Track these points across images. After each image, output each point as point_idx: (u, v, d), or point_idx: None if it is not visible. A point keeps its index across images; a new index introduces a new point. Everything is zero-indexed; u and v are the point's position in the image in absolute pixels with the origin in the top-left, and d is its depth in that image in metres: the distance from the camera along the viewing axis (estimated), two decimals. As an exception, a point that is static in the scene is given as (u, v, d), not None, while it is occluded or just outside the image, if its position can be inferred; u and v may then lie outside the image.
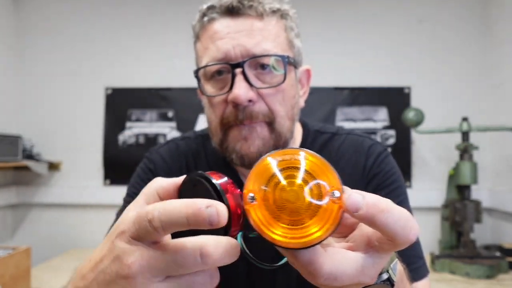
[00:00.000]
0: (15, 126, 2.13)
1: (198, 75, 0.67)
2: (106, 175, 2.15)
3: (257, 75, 0.64)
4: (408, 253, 0.66)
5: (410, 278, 0.41)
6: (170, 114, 2.16)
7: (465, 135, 1.79)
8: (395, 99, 2.09)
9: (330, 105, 2.10)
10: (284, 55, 0.64)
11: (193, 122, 2.15)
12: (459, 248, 1.69)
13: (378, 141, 0.77)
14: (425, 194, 2.00)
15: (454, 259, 1.60)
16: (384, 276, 0.33)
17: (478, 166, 1.74)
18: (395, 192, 0.70)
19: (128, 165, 2.14)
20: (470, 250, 1.64)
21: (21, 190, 2.16)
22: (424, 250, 0.71)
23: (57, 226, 2.15)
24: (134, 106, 2.17)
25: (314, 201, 0.28)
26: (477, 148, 1.76)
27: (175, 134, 2.14)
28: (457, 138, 1.86)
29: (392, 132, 2.08)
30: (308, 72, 0.76)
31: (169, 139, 0.82)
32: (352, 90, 2.11)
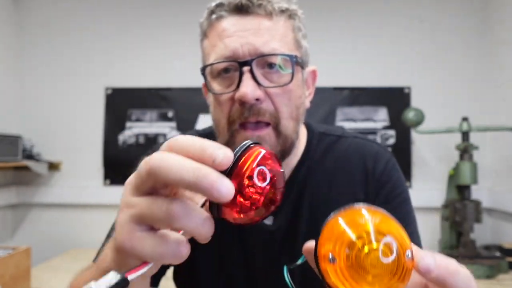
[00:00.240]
0: (15, 126, 2.13)
1: (204, 73, 0.67)
2: (106, 175, 2.15)
3: (264, 74, 0.63)
4: None
5: None
6: (170, 114, 2.16)
7: (465, 135, 1.79)
8: (395, 99, 2.09)
9: (330, 105, 2.10)
10: (292, 55, 0.64)
11: (193, 122, 2.15)
12: (459, 248, 1.69)
13: (383, 146, 0.77)
14: (425, 194, 2.00)
15: (454, 259, 1.60)
16: None
17: (478, 166, 1.74)
18: (404, 203, 0.71)
19: (128, 165, 2.15)
20: (470, 250, 1.64)
21: (21, 190, 2.16)
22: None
23: (57, 226, 2.15)
24: (134, 106, 2.17)
25: (386, 260, 0.29)
26: (477, 148, 1.76)
27: (175, 134, 2.14)
28: (457, 138, 1.86)
29: (392, 132, 2.08)
30: (314, 73, 0.76)
31: (171, 137, 0.81)
32: (352, 90, 2.11)
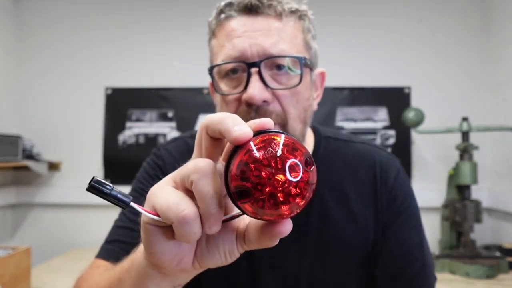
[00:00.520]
0: (15, 126, 2.13)
1: (212, 73, 0.66)
2: (106, 175, 2.15)
3: (272, 76, 0.63)
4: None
5: None
6: (170, 114, 2.16)
7: (465, 135, 1.79)
8: (395, 99, 2.09)
9: (330, 105, 2.10)
10: (301, 57, 0.63)
11: (193, 122, 2.15)
12: (459, 248, 1.69)
13: (391, 153, 0.76)
14: (425, 194, 2.00)
15: (454, 259, 1.60)
16: None
17: (478, 166, 1.74)
18: (414, 213, 0.71)
19: (128, 165, 2.16)
20: (470, 250, 1.64)
21: (21, 190, 2.15)
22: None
23: (57, 226, 2.15)
24: (134, 106, 2.17)
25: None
26: (477, 148, 1.76)
27: (175, 134, 2.14)
28: (457, 138, 1.86)
29: (392, 132, 2.08)
30: (323, 75, 0.75)
31: (176, 137, 0.81)
32: (352, 90, 2.11)
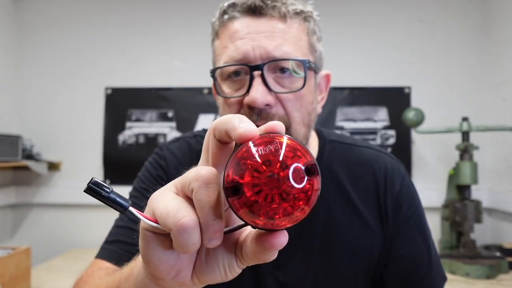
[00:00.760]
0: (15, 126, 2.13)
1: (214, 74, 0.65)
2: (106, 175, 2.15)
3: (276, 79, 0.62)
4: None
5: None
6: (170, 114, 2.16)
7: (465, 135, 1.79)
8: (395, 99, 2.09)
9: (330, 105, 2.10)
10: (305, 60, 0.62)
11: (193, 122, 2.15)
12: (459, 248, 1.69)
13: (396, 158, 0.75)
14: (425, 194, 1.99)
15: (454, 259, 1.60)
16: None
17: (478, 166, 1.74)
18: (421, 219, 0.71)
19: (128, 165, 2.16)
20: (470, 250, 1.64)
21: (21, 190, 2.15)
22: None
23: (57, 226, 2.15)
24: (134, 106, 2.17)
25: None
26: (477, 148, 1.76)
27: (175, 134, 2.14)
28: (457, 138, 1.86)
29: (392, 132, 2.08)
30: (327, 77, 0.74)
31: (178, 136, 0.80)
32: (352, 90, 2.11)
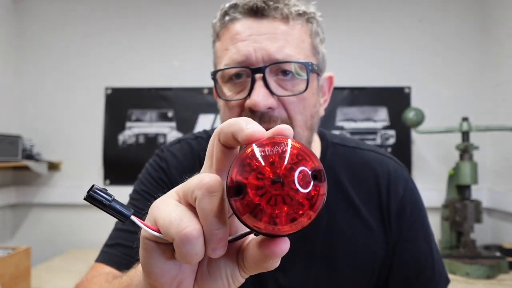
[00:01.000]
0: (15, 126, 2.13)
1: (215, 77, 0.64)
2: (106, 175, 2.15)
3: (278, 82, 0.61)
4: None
5: None
6: (170, 114, 2.16)
7: (465, 135, 1.79)
8: (395, 99, 2.09)
9: (330, 105, 2.09)
10: (307, 62, 0.61)
11: (193, 122, 2.15)
12: (459, 248, 1.69)
13: (399, 162, 0.74)
14: (425, 194, 1.99)
15: (454, 259, 1.60)
16: None
17: (478, 166, 1.74)
18: (424, 222, 0.71)
19: (128, 165, 2.16)
20: (470, 250, 1.64)
21: (21, 190, 2.15)
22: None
23: (57, 226, 2.15)
24: (134, 106, 2.17)
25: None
26: (477, 148, 1.76)
27: (175, 134, 2.14)
28: (457, 138, 1.86)
29: (392, 132, 2.08)
30: (330, 79, 0.73)
31: (179, 138, 0.79)
32: (352, 90, 2.11)
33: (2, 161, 1.81)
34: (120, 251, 0.67)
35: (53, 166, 2.12)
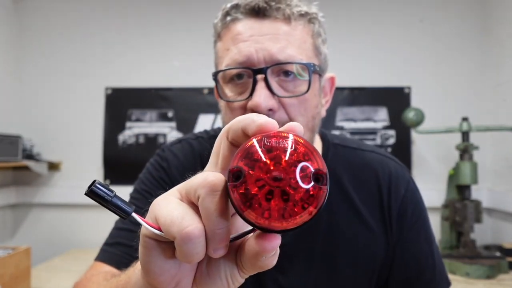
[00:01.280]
0: (15, 126, 2.13)
1: (216, 77, 0.64)
2: (106, 175, 2.15)
3: (279, 82, 0.60)
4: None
5: None
6: (170, 114, 2.16)
7: (465, 135, 1.79)
8: (395, 99, 2.09)
9: (330, 105, 2.09)
10: (309, 63, 0.60)
11: (193, 122, 2.15)
12: (459, 248, 1.69)
13: (400, 163, 0.74)
14: (425, 194, 1.99)
15: (454, 259, 1.60)
16: None
17: (478, 166, 1.74)
18: (425, 223, 0.71)
19: (128, 165, 2.16)
20: (470, 250, 1.64)
21: (21, 190, 2.15)
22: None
23: (57, 226, 2.15)
24: (134, 106, 2.17)
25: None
26: (477, 148, 1.76)
27: (175, 134, 2.14)
28: (457, 138, 1.86)
29: (392, 132, 2.08)
30: (332, 80, 0.73)
31: (180, 138, 0.79)
32: (352, 90, 2.11)
33: (2, 161, 1.81)
34: (119, 250, 0.67)
35: (53, 166, 2.12)
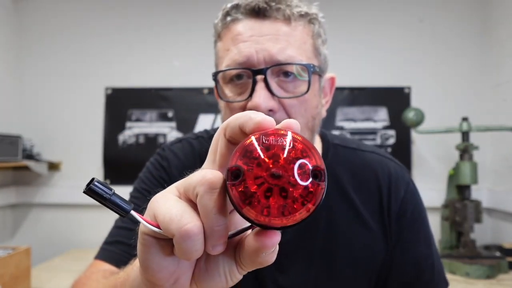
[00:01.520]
0: (15, 126, 2.13)
1: (216, 78, 0.64)
2: (106, 175, 2.15)
3: (279, 83, 0.60)
4: None
5: None
6: (170, 114, 2.16)
7: (465, 135, 1.79)
8: (395, 99, 2.09)
9: (330, 105, 2.09)
10: (309, 64, 0.61)
11: (193, 122, 2.15)
12: (459, 248, 1.69)
13: (400, 163, 0.74)
14: (425, 194, 1.99)
15: (454, 259, 1.60)
16: None
17: (478, 166, 1.74)
18: (424, 223, 0.71)
19: (128, 165, 2.16)
20: (470, 250, 1.64)
21: (21, 190, 2.15)
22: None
23: (57, 226, 2.15)
24: (134, 106, 2.17)
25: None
26: (477, 148, 1.76)
27: (175, 134, 2.14)
28: (457, 138, 1.86)
29: (392, 132, 2.08)
30: (332, 80, 0.73)
31: (181, 137, 0.79)
32: (352, 90, 2.11)
33: (2, 161, 1.81)
34: (119, 249, 0.67)
35: (53, 166, 2.12)
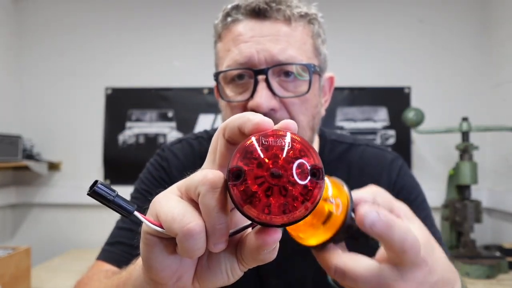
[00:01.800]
0: (15, 126, 2.13)
1: (217, 78, 0.65)
2: (106, 175, 2.15)
3: (280, 83, 0.61)
4: None
5: None
6: (170, 114, 2.16)
7: (465, 135, 1.79)
8: (395, 99, 2.09)
9: (330, 105, 2.09)
10: (310, 64, 0.61)
11: (193, 122, 2.15)
12: (459, 248, 1.69)
13: (394, 152, 0.76)
14: (425, 194, 2.00)
15: (454, 259, 1.60)
16: None
17: (478, 166, 1.74)
18: (422, 206, 0.72)
19: (128, 165, 2.16)
20: (470, 250, 1.64)
21: (21, 190, 2.15)
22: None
23: (57, 226, 2.15)
24: (134, 106, 2.17)
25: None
26: (477, 148, 1.76)
27: (175, 134, 2.14)
28: (457, 138, 1.86)
29: (392, 132, 2.08)
30: (331, 79, 0.74)
31: (181, 137, 0.80)
32: (352, 90, 2.11)
33: (2, 161, 1.81)
34: (120, 249, 0.67)
35: (53, 166, 2.12)
